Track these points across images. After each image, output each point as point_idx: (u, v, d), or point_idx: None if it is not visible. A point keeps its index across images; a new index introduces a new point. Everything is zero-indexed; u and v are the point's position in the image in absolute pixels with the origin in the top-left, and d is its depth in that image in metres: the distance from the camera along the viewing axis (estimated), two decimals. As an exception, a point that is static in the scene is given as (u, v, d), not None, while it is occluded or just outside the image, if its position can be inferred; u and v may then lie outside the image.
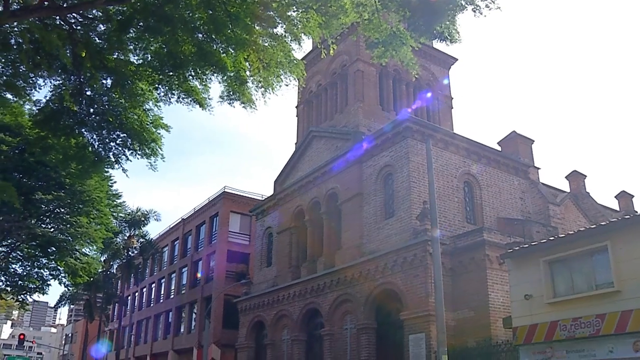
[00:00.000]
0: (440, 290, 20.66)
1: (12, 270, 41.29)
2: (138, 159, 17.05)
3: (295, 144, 44.27)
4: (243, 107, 15.51)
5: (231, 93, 15.21)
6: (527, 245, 22.37)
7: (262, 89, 15.12)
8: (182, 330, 58.44)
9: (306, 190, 39.52)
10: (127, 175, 18.52)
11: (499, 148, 36.65)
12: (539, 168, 37.36)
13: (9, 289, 43.39)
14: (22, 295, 44.04)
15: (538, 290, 20.58)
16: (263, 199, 47.80)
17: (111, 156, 16.84)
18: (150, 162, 17.09)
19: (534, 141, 38.17)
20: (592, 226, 21.42)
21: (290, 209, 41.04)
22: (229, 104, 15.44)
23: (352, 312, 32.66)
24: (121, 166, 17.08)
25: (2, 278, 42.30)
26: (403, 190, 31.26)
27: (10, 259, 39.03)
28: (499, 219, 33.52)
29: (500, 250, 25.76)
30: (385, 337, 30.96)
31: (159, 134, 16.99)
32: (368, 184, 34.15)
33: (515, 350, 22.37)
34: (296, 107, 46.11)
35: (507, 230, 31.38)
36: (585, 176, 40.27)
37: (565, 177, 40.41)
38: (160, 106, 16.57)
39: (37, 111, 16.33)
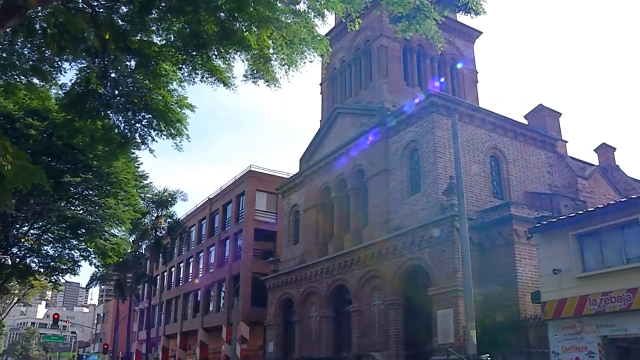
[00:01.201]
0: (467, 266, 20.60)
1: (44, 252, 41.99)
2: (164, 139, 17.10)
3: (320, 121, 44.19)
4: (267, 85, 15.44)
5: (255, 71, 15.15)
6: (555, 220, 22.16)
7: (286, 66, 15.02)
8: (211, 308, 59.05)
9: (332, 167, 39.49)
10: (154, 155, 18.67)
11: (525, 121, 36.24)
12: (566, 141, 36.92)
13: (42, 270, 44.18)
14: (54, 276, 44.80)
15: (567, 264, 20.41)
16: (289, 177, 47.84)
17: (137, 137, 16.88)
18: (175, 143, 17.12)
19: (561, 114, 37.69)
20: (622, 199, 21.11)
21: (316, 186, 41.07)
22: (253, 82, 15.39)
23: (379, 288, 32.73)
24: (147, 147, 17.13)
25: (35, 260, 43.08)
26: (429, 166, 31.11)
27: (42, 241, 39.66)
28: (526, 193, 33.24)
29: (528, 224, 25.53)
30: (413, 313, 31.00)
31: (184, 114, 16.99)
32: (394, 159, 34.02)
33: (544, 325, 22.27)
34: (320, 84, 45.95)
35: (534, 204, 31.11)
36: (615, 149, 39.62)
37: (594, 150, 39.85)
38: (184, 86, 16.55)
39: (63, 95, 16.39)
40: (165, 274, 74.37)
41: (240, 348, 47.05)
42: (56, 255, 41.88)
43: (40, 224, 36.82)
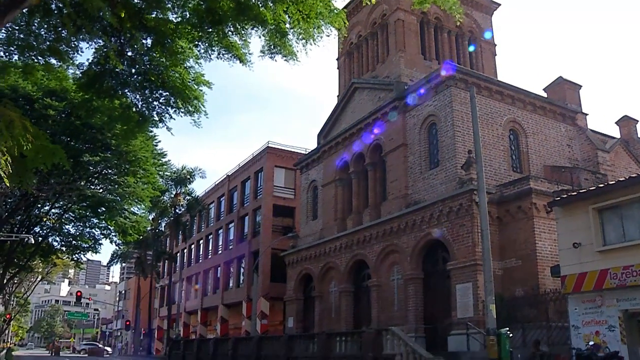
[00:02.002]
0: (487, 240, 20.55)
1: (66, 230, 42.59)
2: (181, 116, 17.18)
3: (338, 96, 44.00)
4: (285, 60, 15.39)
5: (272, 47, 15.10)
6: (575, 193, 21.96)
7: (303, 40, 14.94)
8: (231, 284, 59.52)
9: (350, 143, 39.41)
10: (171, 133, 18.82)
11: (544, 94, 35.86)
12: (587, 114, 36.49)
13: (64, 248, 44.85)
14: (76, 255, 45.45)
15: (587, 238, 20.27)
16: (307, 152, 47.83)
17: (155, 115, 16.96)
18: (193, 120, 17.21)
19: (581, 86, 37.22)
20: (644, 172, 20.89)
21: (334, 162, 41.04)
22: (271, 57, 15.35)
23: (399, 262, 32.80)
24: (165, 125, 17.22)
25: (57, 239, 43.73)
26: (447, 140, 30.95)
27: (63, 220, 40.16)
28: (546, 166, 32.99)
29: (548, 198, 25.38)
30: (432, 287, 31.05)
31: (201, 90, 17.03)
32: (412, 134, 33.87)
33: (563, 299, 22.22)
34: (337, 59, 45.68)
35: (554, 178, 30.89)
36: (637, 121, 39.10)
37: (616, 123, 39.36)
38: (200, 63, 16.57)
39: (80, 75, 16.45)
40: (185, 250, 74.96)
41: (261, 323, 47.49)
42: (77, 233, 42.45)
43: (61, 203, 37.23)
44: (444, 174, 30.88)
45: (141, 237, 47.45)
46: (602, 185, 21.73)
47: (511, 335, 20.24)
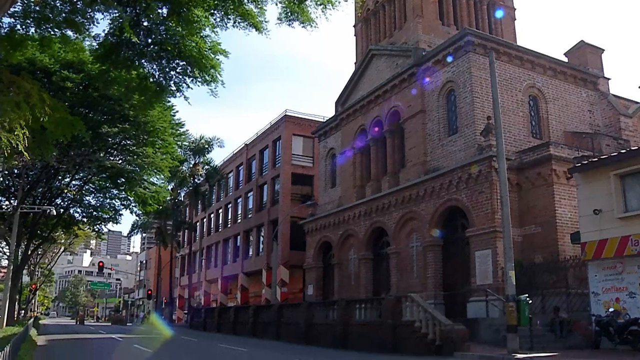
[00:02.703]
0: (506, 206, 20.47)
1: (87, 202, 43.06)
2: (198, 86, 17.15)
3: (355, 64, 43.66)
4: (303, 26, 15.29)
5: (289, 13, 14.99)
6: (596, 159, 21.76)
7: (321, 5, 14.81)
8: (250, 253, 59.98)
9: (368, 110, 39.23)
10: (189, 102, 18.81)
11: (565, 59, 35.32)
12: (609, 79, 35.91)
13: (85, 219, 45.36)
14: (97, 226, 45.98)
15: (608, 204, 20.14)
16: (325, 120, 47.69)
17: (172, 85, 16.94)
18: (210, 89, 17.18)
19: (603, 50, 36.58)
20: (667, 137, 20.61)
21: (352, 129, 40.91)
22: (289, 24, 15.26)
23: (417, 229, 32.81)
24: (182, 94, 17.21)
25: (79, 210, 44.25)
26: (466, 106, 30.69)
27: (83, 192, 40.54)
28: (566, 132, 32.64)
29: (568, 164, 25.16)
30: (451, 254, 31.07)
31: (218, 60, 16.96)
32: (430, 100, 33.62)
33: (583, 266, 22.17)
34: (354, 26, 45.23)
35: (574, 144, 30.61)
36: (661, 85, 38.41)
37: (639, 87, 38.69)
38: (217, 32, 16.50)
39: (97, 46, 16.45)
40: (205, 220, 75.51)
41: (281, 291, 47.89)
42: (98, 204, 42.89)
43: (81, 174, 37.52)
44: (463, 141, 30.69)
45: (161, 207, 47.77)
46: (624, 151, 21.52)
47: (530, 301, 20.26)
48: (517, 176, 28.54)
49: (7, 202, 38.50)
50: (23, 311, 67.79)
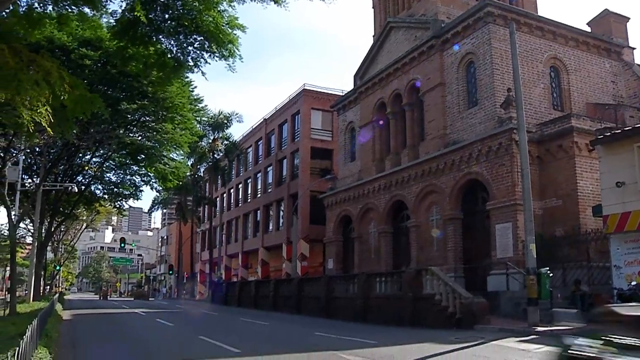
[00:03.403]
0: (527, 179, 20.34)
1: (107, 178, 43.42)
2: (216, 61, 17.11)
3: (373, 36, 43.27)
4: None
5: (309, -16, 14.88)
6: (619, 131, 21.46)
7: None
8: (270, 227, 60.22)
9: (387, 83, 38.97)
10: (206, 78, 18.77)
11: (588, 29, 34.71)
12: (634, 48, 35.22)
13: (106, 196, 45.78)
14: (118, 202, 46.42)
15: (631, 177, 19.89)
16: (343, 94, 47.46)
17: (190, 60, 16.89)
18: (228, 64, 17.11)
19: (629, 19, 35.86)
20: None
21: (371, 103, 40.70)
22: (308, -4, 15.14)
23: (437, 203, 32.74)
24: (200, 70, 17.18)
25: (100, 187, 44.67)
26: (486, 78, 30.36)
27: (104, 169, 40.85)
28: (589, 104, 32.20)
29: (590, 136, 24.86)
30: (471, 227, 30.99)
31: (235, 34, 16.86)
32: (450, 73, 33.29)
33: (605, 239, 21.98)
34: (372, -2, 44.76)
35: (597, 115, 30.20)
36: (689, 56, 37.62)
37: (666, 56, 37.94)
38: (234, 6, 16.37)
39: (114, 23, 16.42)
40: (225, 195, 75.82)
41: (301, 265, 48.16)
42: (118, 181, 43.22)
43: (101, 152, 37.76)
44: (483, 113, 30.42)
45: (181, 182, 48.02)
46: (647, 122, 21.19)
47: (551, 274, 20.19)
48: (537, 149, 28.28)
49: (30, 180, 38.92)
50: (48, 287, 68.81)
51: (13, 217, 27.73)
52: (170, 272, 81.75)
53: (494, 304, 23.63)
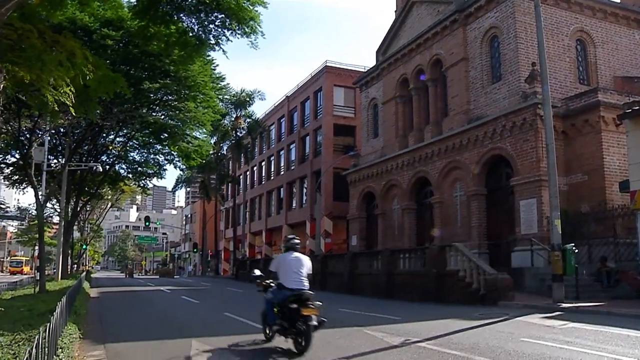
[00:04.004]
0: (552, 154, 20.12)
1: (131, 158, 43.72)
2: (238, 38, 17.10)
3: (395, 12, 42.87)
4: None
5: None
6: (647, 104, 21.09)
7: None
8: (294, 205, 60.39)
9: (409, 59, 38.66)
10: (227, 56, 18.87)
11: (617, 0, 34.01)
12: (665, 18, 34.45)
13: (130, 175, 46.14)
14: (142, 181, 46.78)
15: (659, 151, 19.59)
16: (366, 70, 47.19)
17: (211, 38, 16.87)
18: (250, 41, 17.07)
19: (660, -12, 35.07)
20: None
21: (394, 79, 40.44)
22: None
23: (461, 179, 32.59)
24: (221, 48, 17.18)
25: (124, 166, 45.00)
26: (510, 52, 29.98)
27: (128, 148, 41.13)
28: (616, 77, 31.65)
29: (617, 110, 24.45)
30: (495, 203, 30.82)
31: (257, 11, 16.79)
32: (473, 47, 32.92)
33: (632, 215, 21.70)
34: (394, -28, 44.28)
35: (625, 89, 29.66)
36: None
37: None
38: (255, -18, 16.29)
39: (135, 2, 16.43)
40: (248, 173, 76.13)
41: (324, 242, 48.31)
42: (142, 160, 43.52)
43: (125, 131, 37.99)
44: (507, 88, 30.08)
45: (204, 161, 48.22)
46: (676, 95, 20.81)
47: (576, 251, 20.04)
48: (563, 124, 27.94)
49: (55, 161, 39.35)
50: (75, 265, 69.83)
51: (40, 197, 28.05)
52: (195, 250, 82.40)
53: (518, 281, 23.53)
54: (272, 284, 11.23)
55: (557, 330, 13.20)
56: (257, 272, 12.25)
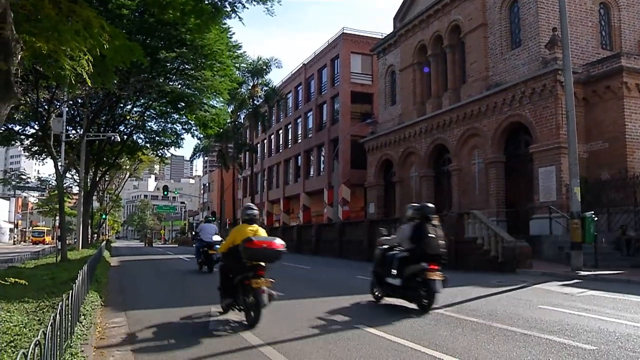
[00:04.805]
0: (572, 121, 19.91)
1: (149, 127, 43.81)
2: (254, 5, 16.86)
3: (413, -24, 42.28)
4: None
5: None
6: (669, 69, 20.73)
7: None
8: (311, 173, 60.47)
9: (427, 25, 38.21)
10: (243, 23, 18.59)
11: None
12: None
13: (148, 145, 46.29)
14: (160, 150, 46.89)
15: (681, 116, 19.31)
16: (383, 37, 46.74)
17: (227, 5, 16.70)
18: (267, 7, 16.89)
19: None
20: None
21: (412, 45, 40.05)
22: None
23: (479, 146, 32.39)
24: (237, 15, 17.00)
25: (142, 136, 45.14)
26: (530, 17, 29.53)
27: (145, 118, 41.19)
28: (640, 42, 31.09)
29: (640, 76, 24.10)
30: (514, 171, 30.65)
31: (273, -25, 16.60)
32: (492, 13, 32.45)
33: (654, 182, 21.52)
34: (411, -64, 43.53)
35: (648, 53, 29.14)
36: None
37: None
38: (270, -52, 16.08)
39: (150, -31, 16.33)
40: (265, 141, 76.17)
41: (342, 210, 48.39)
42: (160, 129, 43.60)
43: (142, 101, 38.00)
44: (527, 54, 29.70)
45: (221, 129, 48.22)
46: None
47: (596, 219, 19.91)
48: (583, 90, 27.56)
49: (74, 131, 39.50)
50: (95, 235, 70.56)
51: (60, 167, 28.25)
52: (213, 218, 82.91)
53: (537, 248, 23.50)
54: None
55: (575, 297, 13.18)
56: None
